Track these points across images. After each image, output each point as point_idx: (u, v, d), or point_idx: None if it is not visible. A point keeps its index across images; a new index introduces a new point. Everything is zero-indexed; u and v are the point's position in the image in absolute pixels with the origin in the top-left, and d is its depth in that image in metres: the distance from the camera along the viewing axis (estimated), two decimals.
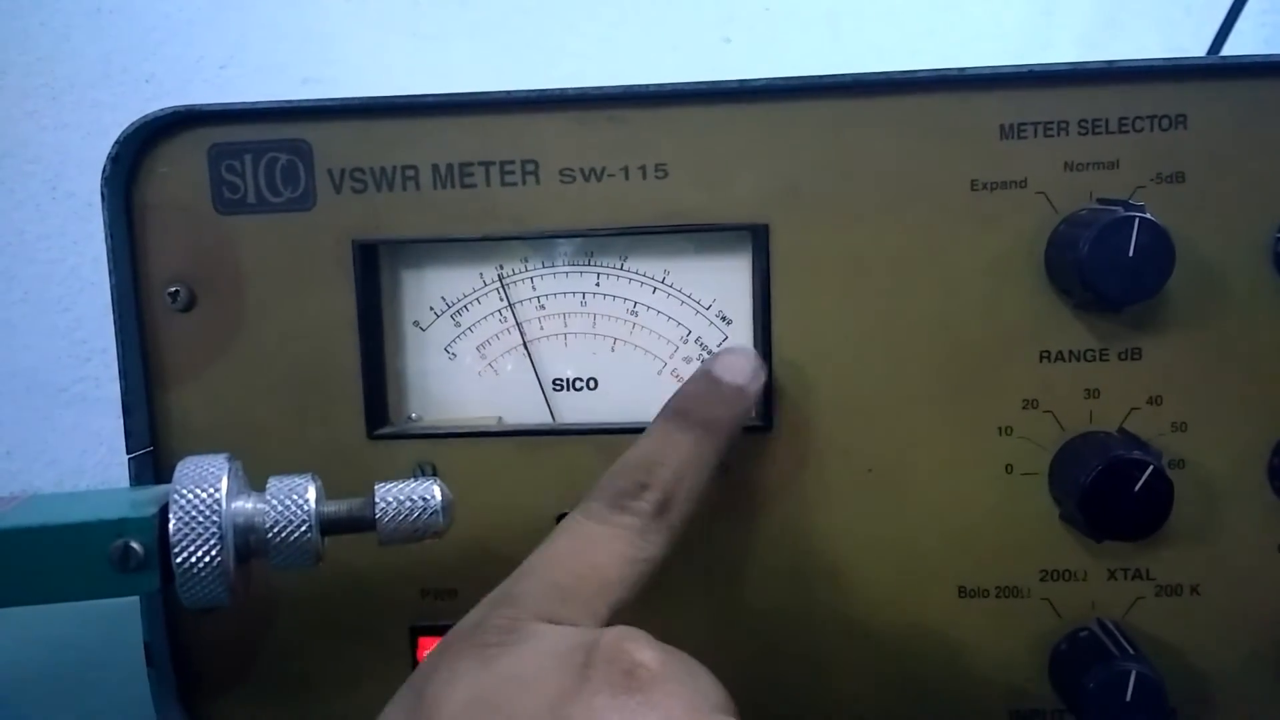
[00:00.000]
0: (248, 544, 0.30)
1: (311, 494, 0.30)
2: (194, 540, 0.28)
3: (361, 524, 0.31)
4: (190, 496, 0.29)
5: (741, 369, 0.39)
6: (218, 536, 0.29)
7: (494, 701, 0.27)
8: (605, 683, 0.27)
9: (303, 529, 0.30)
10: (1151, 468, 0.36)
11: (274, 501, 0.30)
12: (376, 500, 0.31)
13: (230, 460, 0.30)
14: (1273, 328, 0.39)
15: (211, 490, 0.29)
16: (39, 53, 0.81)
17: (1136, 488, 0.37)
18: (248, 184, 0.43)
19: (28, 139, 0.81)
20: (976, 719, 0.42)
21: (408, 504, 0.31)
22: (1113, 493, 0.37)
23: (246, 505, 0.30)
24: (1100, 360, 0.40)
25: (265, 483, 0.32)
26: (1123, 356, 0.40)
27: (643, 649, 0.28)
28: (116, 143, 0.42)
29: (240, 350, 0.43)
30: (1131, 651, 0.39)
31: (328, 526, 0.30)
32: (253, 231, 0.43)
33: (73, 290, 0.83)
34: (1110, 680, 0.38)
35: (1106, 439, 0.39)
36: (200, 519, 0.28)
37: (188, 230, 0.43)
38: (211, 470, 0.29)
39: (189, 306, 0.43)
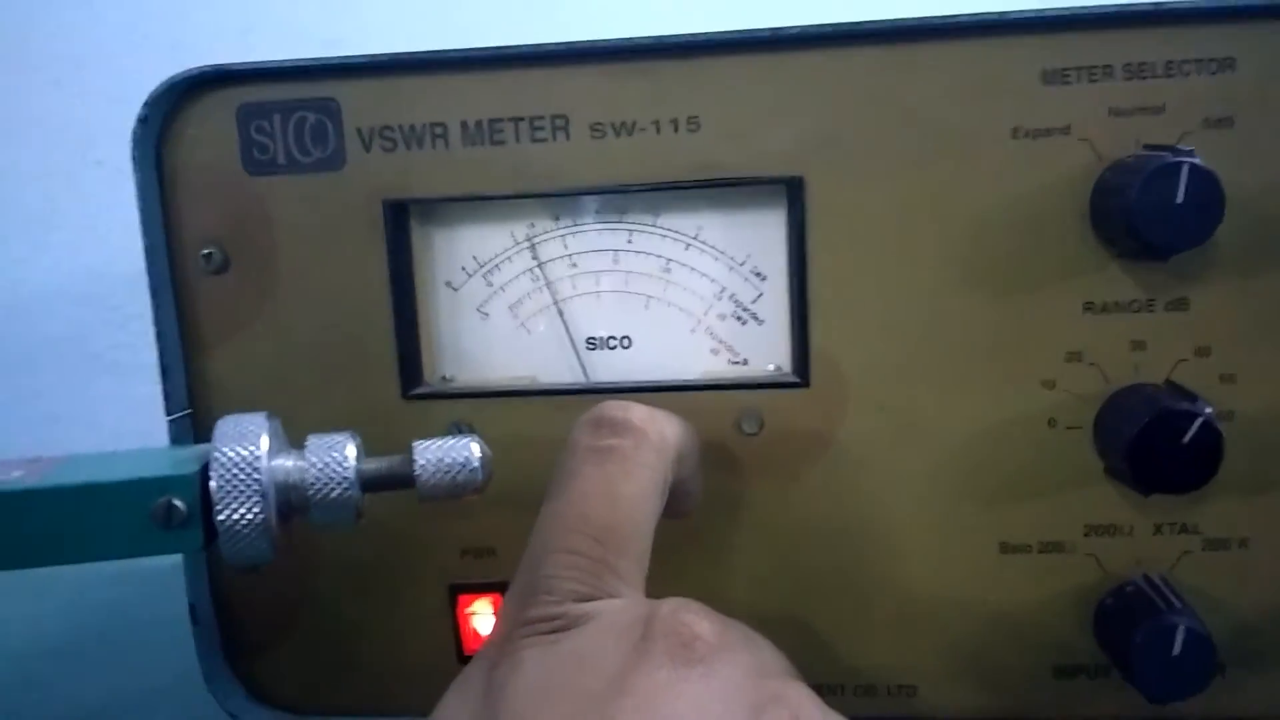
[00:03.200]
0: (289, 501, 0.30)
1: (351, 451, 0.30)
2: (236, 497, 0.28)
3: (401, 481, 0.31)
4: (231, 454, 0.29)
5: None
6: (260, 494, 0.29)
7: (559, 680, 0.27)
8: (666, 655, 0.27)
9: (344, 486, 0.30)
10: (1201, 419, 0.36)
11: (314, 459, 0.30)
12: (415, 458, 0.31)
13: (270, 418, 0.30)
14: None
15: (252, 448, 0.29)
16: (61, 19, 0.81)
17: (1185, 439, 0.36)
18: (277, 144, 0.43)
19: (55, 107, 0.82)
20: (1020, 675, 0.42)
21: (446, 461, 0.31)
22: (1161, 445, 0.36)
23: (287, 463, 0.30)
24: (1146, 311, 0.39)
25: (303, 442, 0.32)
26: (1169, 307, 0.39)
27: (700, 620, 0.28)
28: (145, 104, 0.42)
29: (274, 312, 0.43)
30: (1179, 606, 0.38)
31: (368, 484, 0.30)
32: (283, 192, 0.43)
33: (104, 258, 0.83)
34: (1158, 634, 0.37)
35: (1154, 391, 0.38)
36: (242, 476, 0.28)
37: (219, 192, 0.43)
38: (251, 428, 0.29)
39: (223, 269, 0.43)
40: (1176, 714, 0.40)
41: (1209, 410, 0.37)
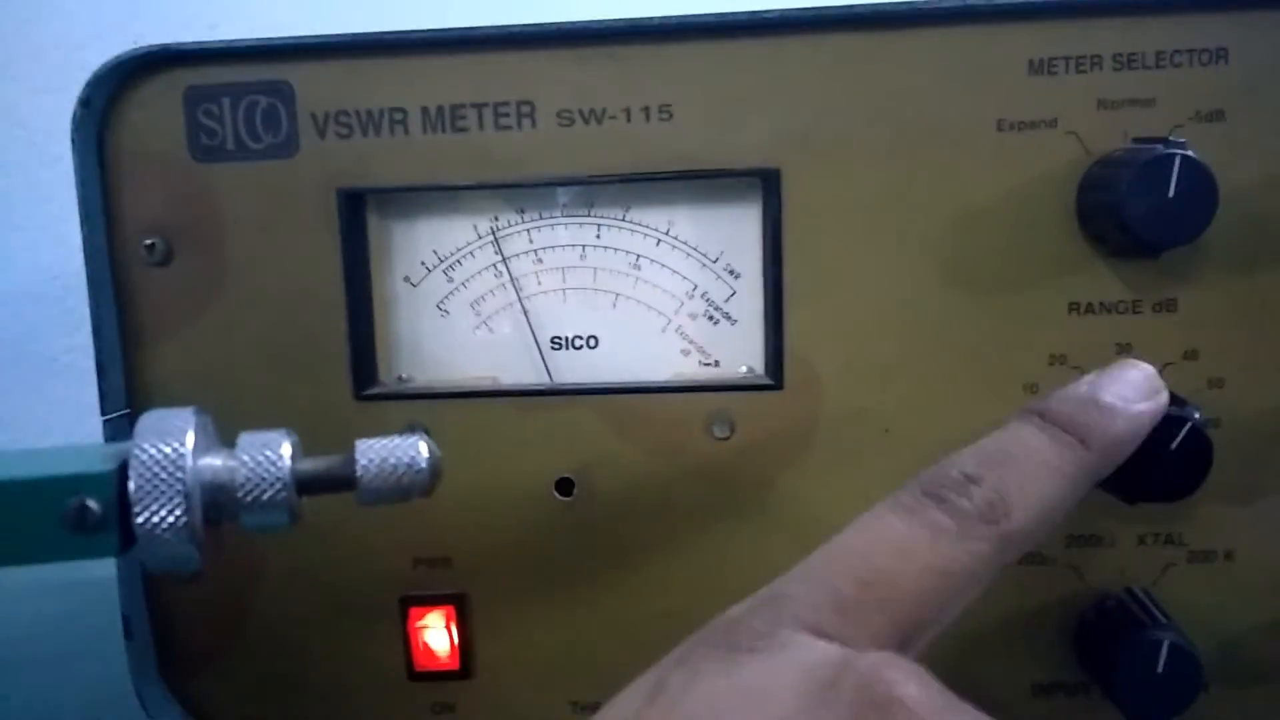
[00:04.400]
0: (217, 504, 0.28)
1: (286, 449, 0.28)
2: (157, 498, 0.26)
3: (341, 482, 0.28)
4: (152, 451, 0.26)
5: (1134, 385, 0.31)
6: (183, 494, 0.26)
7: (725, 711, 0.23)
8: (850, 710, 0.22)
9: (277, 487, 0.27)
10: (1189, 425, 0.34)
11: (245, 458, 0.28)
12: (358, 457, 0.29)
13: (198, 414, 0.28)
14: None
15: (175, 444, 0.27)
16: (23, 14, 0.78)
17: (1173, 446, 0.34)
18: (226, 129, 0.40)
19: (14, 102, 0.79)
20: (996, 693, 0.40)
21: (391, 461, 0.28)
22: (1148, 452, 0.34)
23: (215, 462, 0.28)
24: (1133, 313, 0.38)
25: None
26: (1156, 309, 0.38)
27: (908, 682, 0.23)
28: (87, 85, 0.40)
29: (221, 306, 0.41)
30: (1164, 620, 0.37)
31: (304, 485, 0.28)
32: (232, 180, 0.40)
33: (60, 257, 0.80)
34: (1141, 650, 0.36)
35: None
36: (164, 475, 0.26)
37: (163, 180, 0.41)
38: (176, 424, 0.27)
39: (166, 260, 0.41)
40: None
41: (1197, 415, 0.35)
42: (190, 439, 0.27)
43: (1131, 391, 0.31)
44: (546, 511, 0.41)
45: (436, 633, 0.41)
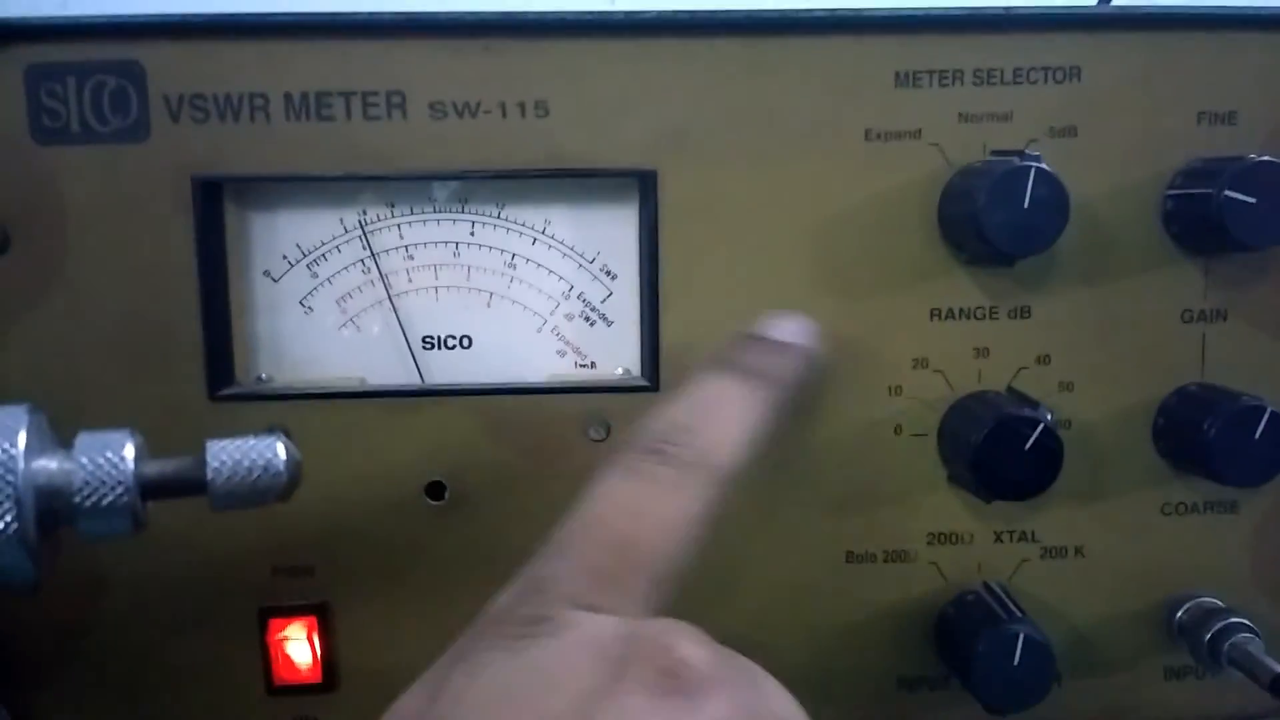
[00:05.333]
0: (53, 509, 0.26)
1: (129, 451, 0.26)
2: None
3: (190, 486, 0.27)
4: None
5: (788, 329, 0.34)
6: (13, 499, 0.24)
7: (517, 696, 0.23)
8: (641, 682, 0.23)
9: (118, 491, 0.26)
10: (1042, 426, 0.36)
11: (84, 459, 0.26)
12: (209, 459, 0.27)
13: (32, 412, 0.26)
14: (1159, 287, 0.39)
15: (6, 445, 0.25)
16: None
17: (1027, 446, 0.36)
18: (71, 110, 0.38)
19: None
20: (865, 686, 0.41)
21: (246, 463, 0.27)
22: (1003, 452, 0.36)
23: (50, 464, 0.26)
24: (990, 319, 0.39)
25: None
26: (1012, 315, 0.39)
27: (689, 645, 0.24)
28: None
29: (61, 299, 0.38)
30: (1019, 614, 0.38)
31: (150, 489, 0.26)
32: (76, 164, 0.38)
33: None
34: (998, 643, 0.37)
35: (996, 398, 0.38)
36: None
37: (0, 162, 0.38)
38: (6, 423, 0.25)
39: (2, 247, 0.38)
40: None
41: (1049, 417, 0.37)
42: (22, 439, 0.25)
43: (788, 334, 0.34)
44: (416, 516, 0.40)
45: (298, 644, 0.40)
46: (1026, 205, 0.35)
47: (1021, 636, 0.37)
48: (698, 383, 0.32)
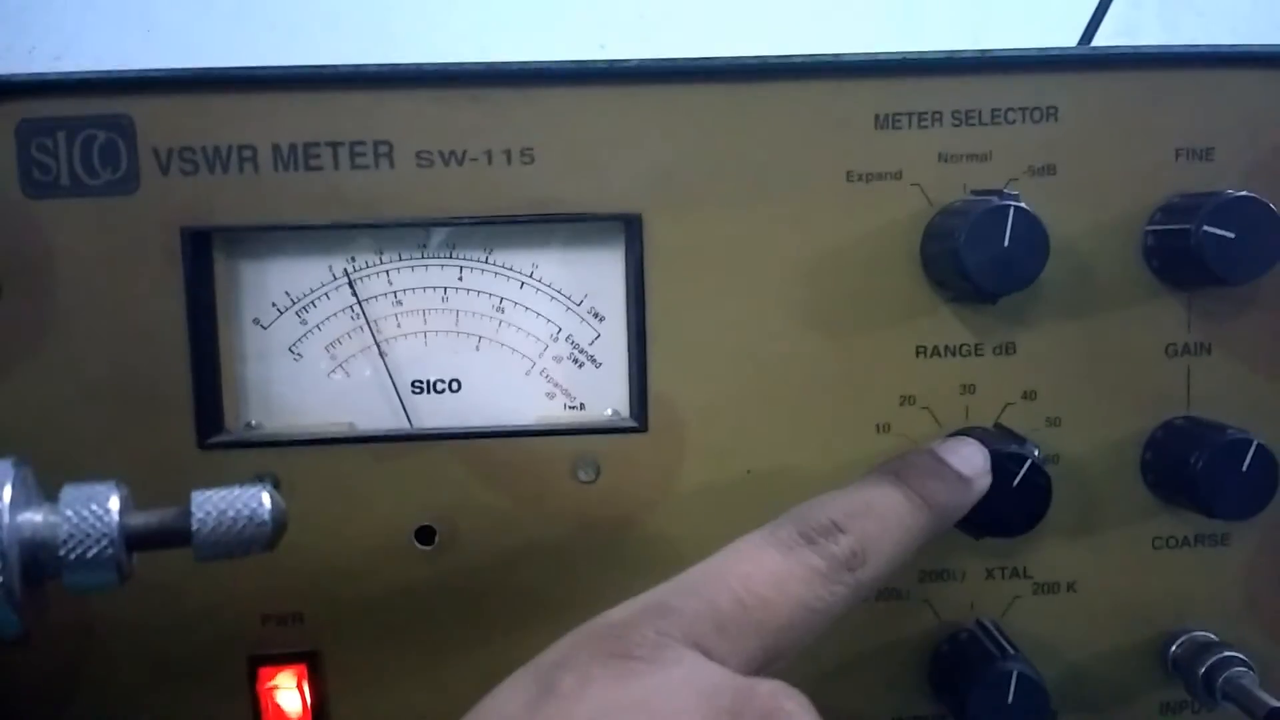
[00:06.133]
0: (38, 561, 0.26)
1: (114, 503, 0.26)
2: None
3: (175, 537, 0.27)
4: None
5: (971, 461, 0.35)
6: None
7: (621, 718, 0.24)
8: None
9: (103, 543, 0.26)
10: (1029, 462, 0.36)
11: (69, 512, 0.26)
12: (194, 510, 0.27)
13: (18, 466, 0.26)
14: (1142, 321, 0.39)
15: None
16: None
17: (1015, 483, 0.36)
18: (61, 164, 0.38)
19: None
20: None
21: (231, 514, 0.27)
22: (991, 489, 0.36)
23: (35, 517, 0.26)
24: (975, 355, 0.40)
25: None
26: (997, 351, 0.40)
27: (802, 713, 0.25)
28: None
29: (52, 350, 0.39)
30: (1012, 651, 0.38)
31: (135, 541, 0.26)
32: (67, 217, 0.38)
33: None
34: (992, 682, 0.37)
35: (983, 435, 0.38)
36: None
37: None
38: None
39: None
40: None
41: (1037, 452, 0.37)
42: (7, 493, 0.25)
43: (969, 468, 0.35)
44: (406, 561, 0.40)
45: (288, 693, 0.39)
46: (1006, 244, 0.35)
47: (1015, 674, 0.37)
48: (870, 484, 0.33)
